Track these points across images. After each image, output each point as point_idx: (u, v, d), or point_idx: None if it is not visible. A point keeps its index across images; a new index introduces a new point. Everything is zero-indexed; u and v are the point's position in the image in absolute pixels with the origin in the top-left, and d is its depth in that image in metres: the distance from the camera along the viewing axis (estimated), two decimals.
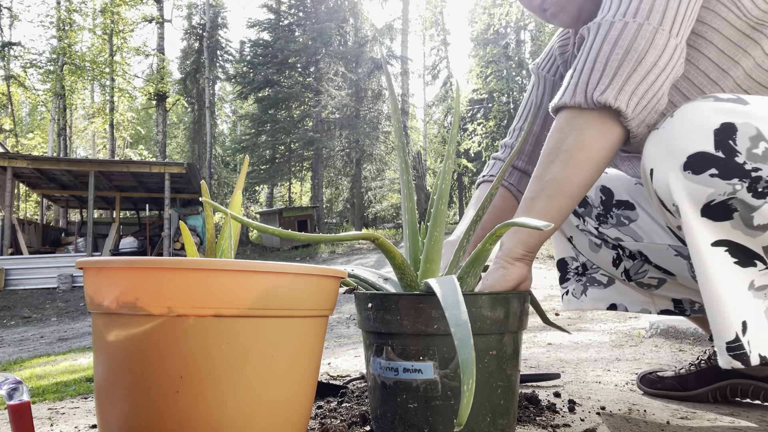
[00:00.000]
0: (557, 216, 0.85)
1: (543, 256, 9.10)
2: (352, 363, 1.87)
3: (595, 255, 1.25)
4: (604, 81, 0.79)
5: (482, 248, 0.85)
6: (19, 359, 3.81)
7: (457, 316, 0.64)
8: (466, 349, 0.61)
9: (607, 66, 0.79)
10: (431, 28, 26.28)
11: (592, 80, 0.80)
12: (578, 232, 1.26)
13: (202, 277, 0.65)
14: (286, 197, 26.45)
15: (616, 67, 0.78)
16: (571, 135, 0.83)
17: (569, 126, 0.83)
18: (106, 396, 0.69)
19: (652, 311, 1.26)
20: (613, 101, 0.78)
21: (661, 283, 1.20)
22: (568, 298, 1.34)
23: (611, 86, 0.78)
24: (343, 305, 5.71)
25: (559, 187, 0.84)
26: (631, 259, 1.20)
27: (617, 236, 1.18)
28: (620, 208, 1.17)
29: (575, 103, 0.82)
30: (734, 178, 0.71)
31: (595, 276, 1.30)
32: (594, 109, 0.81)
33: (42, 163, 10.71)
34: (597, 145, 0.82)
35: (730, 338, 0.72)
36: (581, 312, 3.98)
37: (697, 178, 0.73)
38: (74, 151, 25.77)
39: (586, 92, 0.80)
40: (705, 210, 0.73)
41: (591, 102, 0.80)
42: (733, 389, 1.16)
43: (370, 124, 18.93)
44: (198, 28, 22.30)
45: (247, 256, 13.23)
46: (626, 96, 0.78)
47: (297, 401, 0.74)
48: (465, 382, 0.59)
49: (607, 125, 0.81)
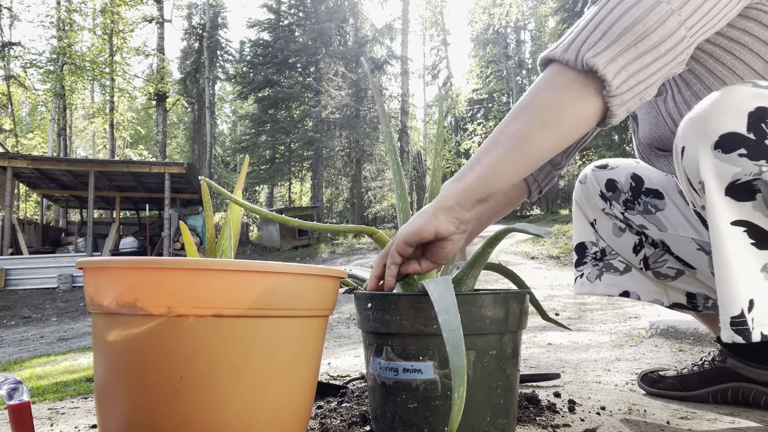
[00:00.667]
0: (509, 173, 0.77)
1: (543, 256, 9.10)
2: (352, 363, 1.87)
3: (617, 239, 1.26)
4: (601, 44, 0.73)
5: (482, 251, 0.84)
6: (19, 359, 3.81)
7: (449, 321, 0.63)
8: (458, 356, 0.59)
9: (609, 30, 0.73)
10: (431, 28, 26.29)
11: (590, 40, 0.74)
12: (603, 216, 1.28)
13: (202, 277, 0.65)
14: (286, 197, 26.46)
15: (618, 34, 0.73)
16: (549, 93, 0.77)
17: (550, 82, 0.78)
18: (106, 396, 0.69)
19: (665, 303, 1.27)
20: (602, 68, 0.72)
21: (678, 275, 1.21)
22: (582, 281, 1.34)
23: (605, 52, 0.73)
24: (343, 305, 5.71)
25: (520, 144, 0.76)
26: (653, 247, 1.21)
27: (642, 223, 1.20)
28: (649, 195, 1.19)
29: (564, 59, 0.76)
30: (762, 160, 0.72)
31: (612, 262, 1.31)
32: (580, 71, 0.75)
33: (42, 163, 10.71)
34: (571, 110, 0.75)
35: (735, 313, 0.74)
36: (581, 312, 3.98)
37: (726, 157, 0.73)
38: (74, 151, 25.78)
39: (579, 50, 0.74)
40: (729, 189, 0.74)
41: (580, 62, 0.74)
42: (734, 393, 1.16)
43: (370, 124, 18.94)
44: (198, 28, 22.32)
45: (247, 256, 13.23)
46: (617, 67, 0.73)
47: (297, 401, 0.74)
48: (456, 389, 0.58)
49: (588, 93, 0.75)
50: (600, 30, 0.74)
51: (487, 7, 23.24)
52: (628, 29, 0.72)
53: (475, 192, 0.77)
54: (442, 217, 0.79)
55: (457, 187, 0.78)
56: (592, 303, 4.49)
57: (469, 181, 0.78)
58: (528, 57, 23.88)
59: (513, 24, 23.86)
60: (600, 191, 1.26)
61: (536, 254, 9.23)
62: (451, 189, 0.79)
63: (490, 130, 22.00)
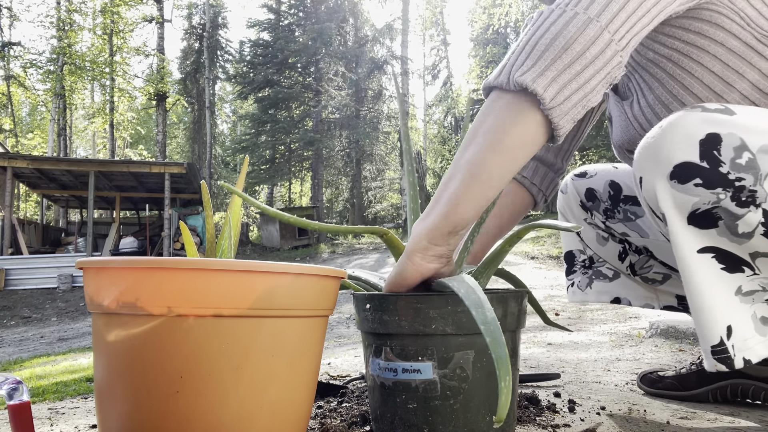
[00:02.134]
0: (469, 202, 0.77)
1: (543, 256, 9.10)
2: (352, 363, 1.87)
3: (602, 248, 1.26)
4: (528, 63, 0.75)
5: (501, 249, 0.83)
6: (19, 359, 3.81)
7: (484, 314, 0.64)
8: (499, 346, 0.60)
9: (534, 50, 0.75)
10: (431, 28, 26.29)
11: (518, 62, 0.76)
12: (586, 225, 1.28)
13: (202, 277, 0.65)
14: (286, 197, 26.45)
15: (542, 51, 0.74)
16: (489, 117, 0.78)
17: (489, 108, 0.79)
18: (106, 396, 0.69)
19: (656, 306, 1.27)
20: (530, 83, 0.73)
21: (665, 279, 1.22)
22: (573, 290, 1.35)
23: (533, 69, 0.74)
24: (343, 305, 5.71)
25: (472, 171, 0.77)
26: (637, 253, 1.21)
27: (623, 231, 1.20)
28: (627, 203, 1.18)
29: (498, 84, 0.78)
30: (718, 188, 0.72)
31: (601, 269, 1.31)
32: (514, 91, 0.76)
33: (42, 163, 10.71)
34: (512, 129, 0.76)
35: (714, 342, 0.74)
36: (581, 312, 3.98)
37: (683, 188, 0.73)
38: (74, 151, 25.77)
39: (510, 73, 0.76)
40: (691, 218, 0.74)
41: (512, 83, 0.75)
42: (733, 389, 1.16)
43: (370, 124, 18.93)
44: (198, 28, 22.31)
45: (247, 256, 13.23)
46: (546, 81, 0.73)
47: (297, 401, 0.74)
48: (502, 378, 0.58)
49: (525, 109, 0.76)
50: (525, 51, 0.76)
51: (487, 7, 23.24)
52: (550, 45, 0.74)
53: (441, 228, 0.78)
54: (418, 259, 0.79)
55: (425, 225, 0.79)
56: (591, 303, 4.49)
57: (435, 219, 0.78)
58: None
59: (513, 24, 23.86)
60: (580, 201, 1.25)
61: (536, 254, 9.22)
62: (419, 228, 0.80)
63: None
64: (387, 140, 20.02)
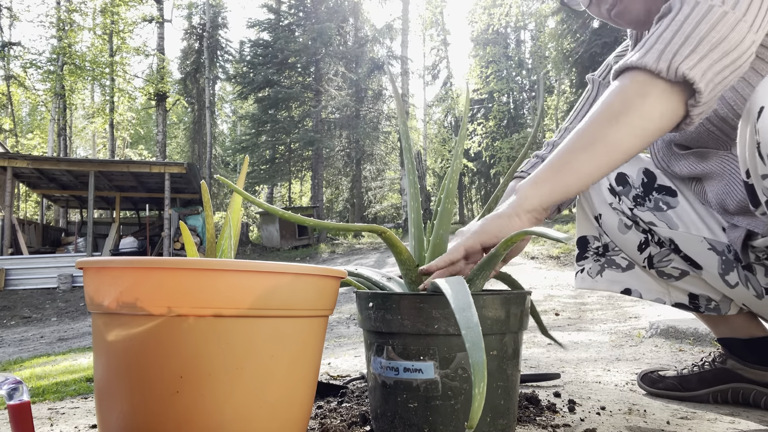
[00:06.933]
0: (592, 177, 0.80)
1: (543, 256, 9.09)
2: (352, 363, 1.87)
3: (622, 236, 1.24)
4: (693, 58, 0.75)
5: (496, 252, 0.84)
6: (19, 359, 3.81)
7: (469, 318, 0.64)
8: (478, 352, 0.60)
9: (699, 45, 0.75)
10: (431, 28, 26.28)
11: (681, 52, 0.75)
12: (609, 211, 1.24)
13: (202, 277, 0.64)
14: (286, 197, 26.45)
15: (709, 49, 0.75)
16: (636, 101, 0.78)
17: (640, 92, 0.78)
18: (106, 396, 0.69)
19: (667, 302, 1.25)
20: (698, 80, 0.74)
21: (682, 275, 1.19)
22: (583, 276, 1.32)
23: (699, 65, 0.75)
24: (343, 305, 5.71)
25: (611, 154, 0.79)
26: (659, 246, 1.19)
27: (651, 220, 1.17)
28: (661, 192, 1.16)
29: (657, 69, 0.77)
30: None
31: (614, 258, 1.29)
32: (671, 81, 0.77)
33: (42, 163, 10.71)
34: (659, 121, 0.78)
35: None
36: (581, 312, 3.98)
37: None
38: (74, 151, 25.77)
39: (672, 61, 0.75)
40: None
41: (673, 73, 0.75)
42: (734, 393, 1.16)
43: (370, 124, 18.93)
44: (198, 28, 22.31)
45: (247, 256, 13.23)
46: (706, 80, 0.75)
47: (297, 401, 0.74)
48: (476, 384, 0.58)
49: (675, 100, 0.77)
50: (690, 43, 0.76)
51: (487, 7, 23.23)
52: (716, 45, 0.75)
53: (560, 195, 0.81)
54: (525, 218, 0.83)
55: (541, 190, 0.82)
56: (592, 303, 4.49)
57: (556, 187, 0.81)
58: (528, 57, 23.88)
59: (513, 24, 23.86)
60: (609, 185, 1.22)
61: (536, 254, 9.22)
62: (532, 191, 0.82)
63: (490, 129, 21.96)
64: (387, 140, 20.01)
